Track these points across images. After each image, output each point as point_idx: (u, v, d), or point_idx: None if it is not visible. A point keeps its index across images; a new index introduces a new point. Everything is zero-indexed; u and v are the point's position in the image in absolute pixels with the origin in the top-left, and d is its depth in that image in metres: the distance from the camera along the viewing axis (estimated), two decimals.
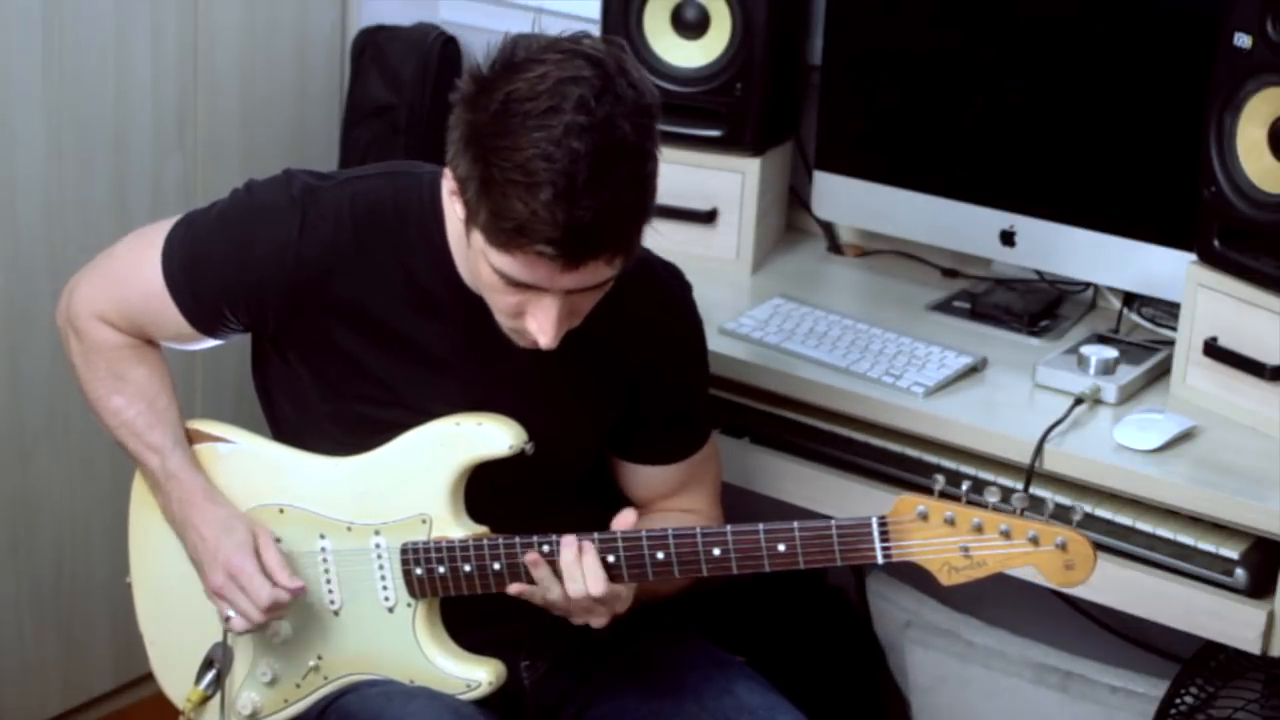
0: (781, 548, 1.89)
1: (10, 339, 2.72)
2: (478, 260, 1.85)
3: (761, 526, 1.91)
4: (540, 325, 1.84)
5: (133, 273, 2.06)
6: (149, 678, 2.21)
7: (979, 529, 1.83)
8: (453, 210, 1.89)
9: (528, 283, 1.81)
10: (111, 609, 2.91)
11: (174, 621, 2.14)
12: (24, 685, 2.87)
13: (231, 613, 2.00)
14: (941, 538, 1.85)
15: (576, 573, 1.92)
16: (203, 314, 2.04)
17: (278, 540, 2.01)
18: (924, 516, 1.85)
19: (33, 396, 2.76)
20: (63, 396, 2.72)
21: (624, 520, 1.95)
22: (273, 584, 1.97)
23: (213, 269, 2.02)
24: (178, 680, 2.13)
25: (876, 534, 1.86)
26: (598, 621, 1.96)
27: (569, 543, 1.92)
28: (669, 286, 2.10)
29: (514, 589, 1.95)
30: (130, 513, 2.16)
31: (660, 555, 1.92)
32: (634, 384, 2.07)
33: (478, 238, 1.82)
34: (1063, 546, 1.82)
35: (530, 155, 1.74)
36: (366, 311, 1.99)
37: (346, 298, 1.98)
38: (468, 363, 2.00)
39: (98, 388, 2.09)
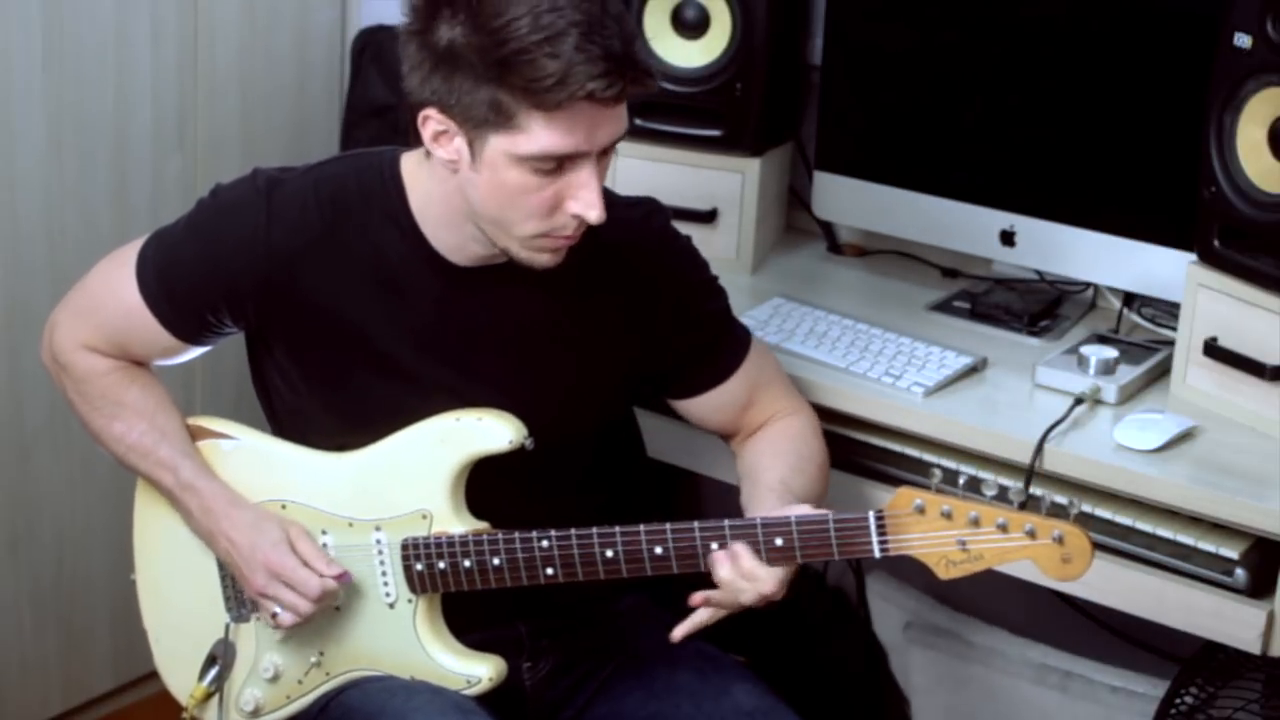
0: (779, 541, 1.89)
1: (10, 338, 2.72)
2: (501, 174, 1.85)
3: (759, 519, 1.91)
4: (588, 199, 1.85)
5: (109, 295, 2.07)
6: (150, 677, 2.21)
7: (976, 522, 1.83)
8: (422, 175, 1.94)
9: (569, 152, 1.82)
10: (112, 608, 2.91)
11: (177, 618, 2.14)
12: (24, 684, 2.87)
13: (278, 609, 2.00)
14: (938, 531, 1.84)
15: (743, 584, 1.92)
16: (182, 322, 2.05)
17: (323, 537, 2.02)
18: (921, 510, 1.84)
19: (33, 395, 2.76)
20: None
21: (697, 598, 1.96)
22: (318, 574, 1.98)
23: (186, 273, 2.02)
24: (181, 677, 2.13)
25: (874, 528, 1.86)
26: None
27: (720, 559, 1.91)
28: (639, 222, 2.08)
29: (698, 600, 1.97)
30: (135, 510, 2.16)
31: (659, 550, 1.92)
32: (637, 336, 2.06)
33: (498, 145, 1.83)
34: (1060, 540, 1.81)
35: (537, 14, 1.78)
36: (340, 296, 1.99)
37: (320, 285, 1.99)
38: (447, 336, 2.00)
39: (96, 418, 2.10)
